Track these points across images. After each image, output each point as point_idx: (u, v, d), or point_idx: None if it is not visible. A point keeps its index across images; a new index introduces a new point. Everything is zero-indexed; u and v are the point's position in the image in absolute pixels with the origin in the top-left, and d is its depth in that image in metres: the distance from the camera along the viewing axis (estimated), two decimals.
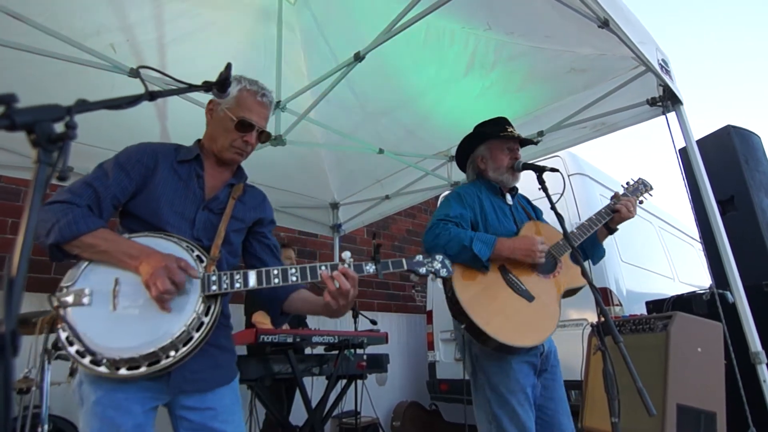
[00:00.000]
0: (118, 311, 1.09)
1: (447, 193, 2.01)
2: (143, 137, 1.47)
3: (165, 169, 1.33)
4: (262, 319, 2.85)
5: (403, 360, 5.44)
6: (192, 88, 1.05)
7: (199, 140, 1.47)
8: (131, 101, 0.80)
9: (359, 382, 3.13)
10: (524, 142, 2.01)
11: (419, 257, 1.37)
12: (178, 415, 1.23)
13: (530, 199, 2.13)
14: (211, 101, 1.40)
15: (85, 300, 1.09)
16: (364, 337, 2.94)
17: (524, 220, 1.95)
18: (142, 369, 1.08)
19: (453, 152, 3.69)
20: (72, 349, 1.05)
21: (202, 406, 1.24)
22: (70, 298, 1.09)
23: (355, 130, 3.33)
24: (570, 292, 1.85)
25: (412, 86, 3.01)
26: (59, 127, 0.60)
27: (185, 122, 3.01)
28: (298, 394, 3.17)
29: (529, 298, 1.72)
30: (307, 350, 3.14)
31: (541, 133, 3.14)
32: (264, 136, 1.43)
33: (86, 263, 1.15)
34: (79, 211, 1.16)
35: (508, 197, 2.00)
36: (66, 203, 1.16)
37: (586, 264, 1.86)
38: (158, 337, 1.09)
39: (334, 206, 4.63)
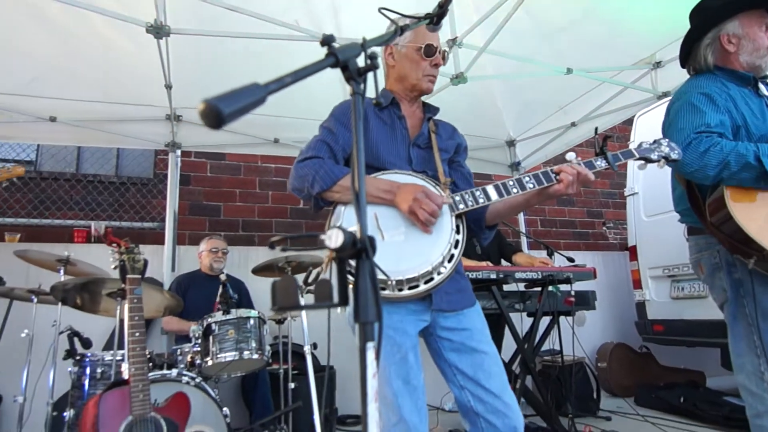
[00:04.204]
0: (387, 240, 1.22)
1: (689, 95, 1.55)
2: (330, 106, 1.51)
3: (373, 118, 1.41)
4: None
5: (603, 299, 5.01)
6: (419, 20, 1.09)
7: (383, 89, 1.52)
8: (386, 40, 0.87)
9: (562, 319, 3.02)
10: None
11: (645, 143, 1.40)
12: (440, 335, 1.34)
13: None
14: (386, 47, 1.47)
15: None
16: (570, 272, 2.79)
17: None
18: (421, 287, 1.19)
19: (658, 57, 3.10)
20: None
21: (460, 326, 1.33)
22: None
23: (533, 54, 3.03)
24: None
25: None
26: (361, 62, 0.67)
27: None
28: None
29: None
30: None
31: None
32: (444, 57, 1.48)
33: (344, 206, 1.28)
34: (329, 162, 1.31)
35: (762, 87, 1.57)
36: (315, 158, 1.31)
37: None
38: (429, 257, 1.19)
39: (510, 144, 4.43)
